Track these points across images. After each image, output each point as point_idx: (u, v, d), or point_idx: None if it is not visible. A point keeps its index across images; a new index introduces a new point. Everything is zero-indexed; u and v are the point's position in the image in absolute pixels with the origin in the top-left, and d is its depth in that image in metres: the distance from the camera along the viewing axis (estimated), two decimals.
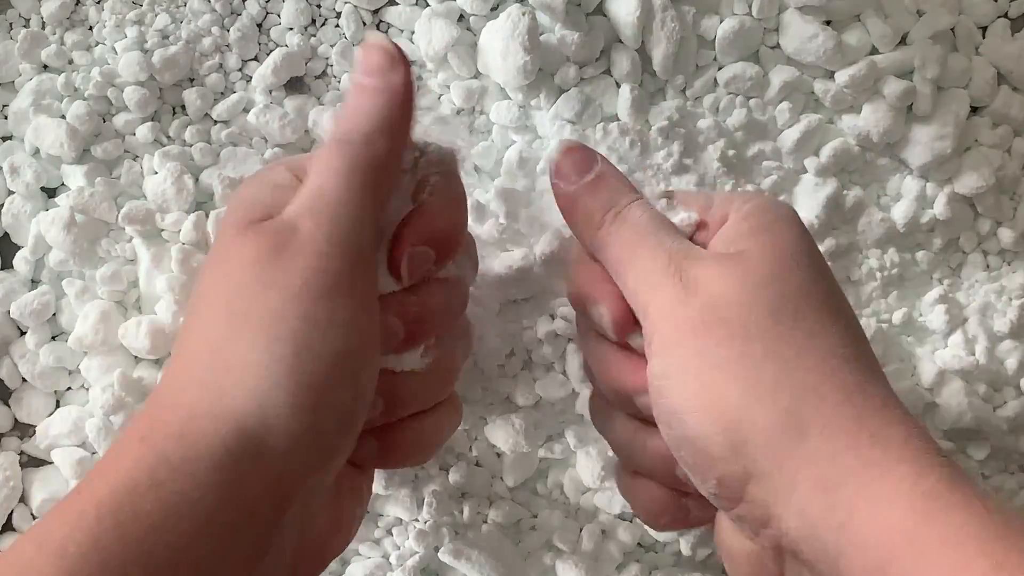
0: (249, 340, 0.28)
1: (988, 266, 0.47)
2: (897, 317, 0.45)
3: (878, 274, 0.45)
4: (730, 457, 0.27)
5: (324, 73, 0.44)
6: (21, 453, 0.43)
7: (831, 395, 0.27)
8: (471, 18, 0.44)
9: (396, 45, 0.31)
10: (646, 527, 0.43)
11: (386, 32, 0.45)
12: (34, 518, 0.42)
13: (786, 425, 0.27)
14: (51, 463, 0.42)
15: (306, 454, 0.28)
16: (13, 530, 0.42)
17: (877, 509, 0.25)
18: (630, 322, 0.32)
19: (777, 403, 0.27)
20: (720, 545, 0.32)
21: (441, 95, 0.44)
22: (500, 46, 0.41)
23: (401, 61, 0.31)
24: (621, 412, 0.34)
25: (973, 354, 0.44)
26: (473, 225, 0.41)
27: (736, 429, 0.27)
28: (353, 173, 0.30)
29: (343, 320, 0.28)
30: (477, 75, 0.44)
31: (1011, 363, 0.44)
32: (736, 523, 0.29)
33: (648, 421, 0.32)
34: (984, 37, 0.46)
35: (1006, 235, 0.46)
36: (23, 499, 0.42)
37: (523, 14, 0.41)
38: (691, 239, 0.33)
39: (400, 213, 0.33)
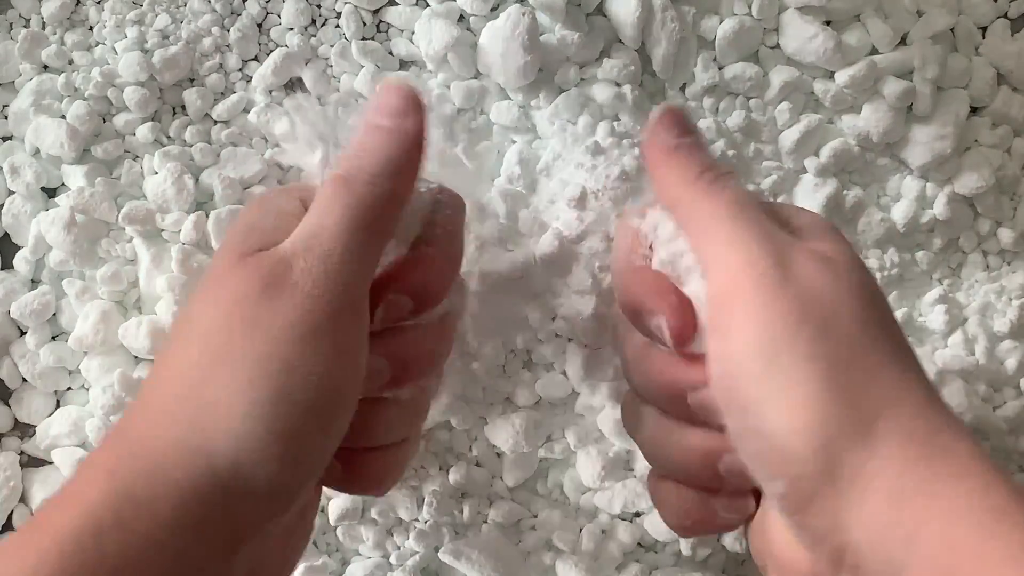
0: (228, 380, 0.27)
1: (988, 266, 0.47)
2: (897, 317, 0.45)
3: (878, 274, 0.45)
4: (808, 457, 0.26)
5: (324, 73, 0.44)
6: (21, 453, 0.43)
7: (908, 408, 0.27)
8: (471, 18, 0.44)
9: (414, 89, 0.31)
10: (647, 530, 0.43)
11: (386, 32, 0.45)
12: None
13: (867, 433, 0.26)
14: (51, 463, 0.42)
15: (272, 500, 0.28)
16: (13, 530, 0.42)
17: (945, 523, 0.25)
18: (691, 334, 0.31)
19: (861, 410, 0.27)
20: (762, 552, 0.32)
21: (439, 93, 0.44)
22: (500, 46, 0.41)
23: (417, 107, 0.31)
24: (656, 411, 0.34)
25: (973, 354, 0.44)
26: (474, 225, 0.41)
27: (818, 430, 0.26)
28: (354, 214, 0.29)
29: (324, 370, 0.28)
30: (477, 75, 0.44)
31: (1011, 363, 0.44)
32: (796, 530, 0.28)
33: (687, 420, 0.32)
34: (984, 37, 0.47)
35: (1006, 235, 0.46)
36: (23, 499, 0.42)
37: (523, 14, 0.41)
38: None
39: (392, 255, 0.32)
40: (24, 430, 0.43)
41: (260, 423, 0.27)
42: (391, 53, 0.44)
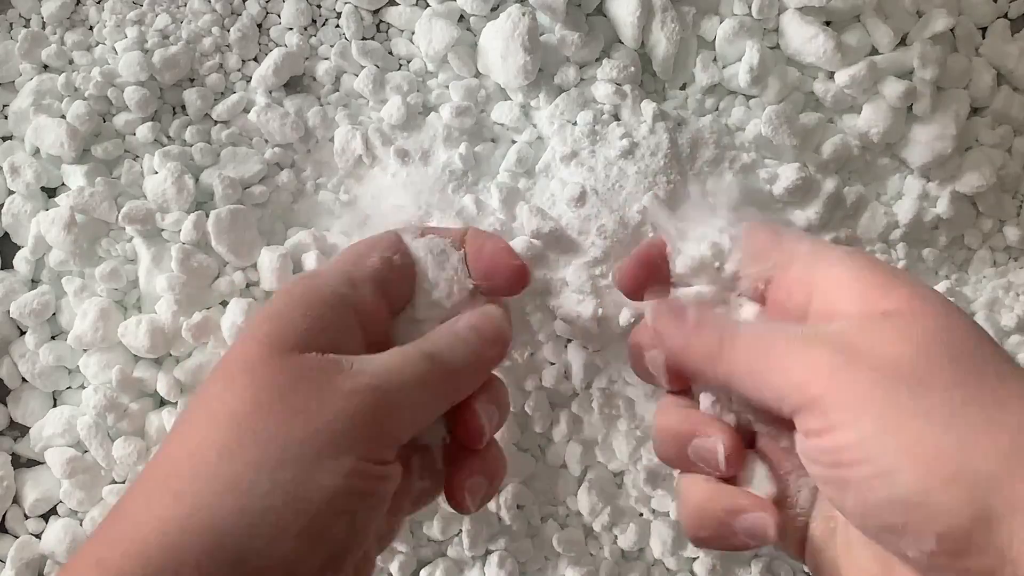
0: (251, 458, 0.27)
1: (995, 262, 0.47)
2: None
3: None
4: (955, 508, 0.26)
5: (324, 73, 0.44)
6: (13, 454, 0.42)
7: None
8: (471, 18, 0.44)
9: (507, 330, 0.34)
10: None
11: (386, 32, 0.45)
12: (27, 518, 0.42)
13: (1012, 465, 0.26)
14: (43, 463, 0.42)
15: None
16: (6, 531, 0.42)
17: None
18: (742, 457, 0.31)
19: (997, 444, 0.26)
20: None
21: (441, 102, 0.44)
22: (501, 46, 0.41)
23: (507, 343, 0.34)
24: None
25: None
26: (475, 222, 0.41)
27: (959, 477, 0.26)
28: (435, 391, 0.31)
29: (361, 471, 0.28)
30: (477, 75, 0.44)
31: (1020, 358, 0.44)
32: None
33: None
34: (984, 37, 0.47)
35: (1012, 233, 0.46)
36: (16, 500, 0.42)
37: (524, 14, 0.41)
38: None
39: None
40: (19, 430, 0.43)
41: (280, 501, 0.27)
42: (391, 53, 0.44)
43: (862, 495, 0.28)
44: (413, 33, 0.44)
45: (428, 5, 0.44)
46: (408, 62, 0.44)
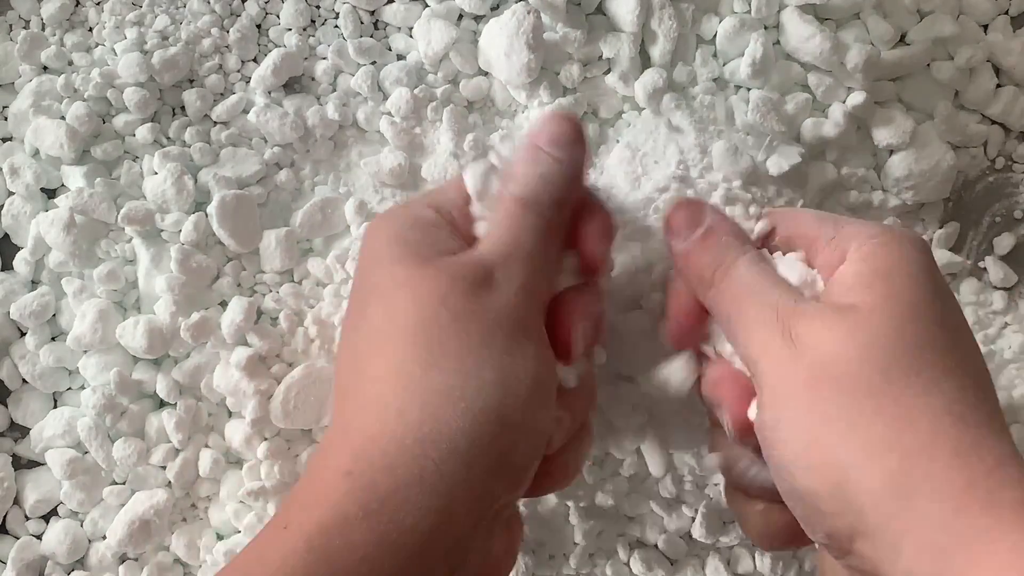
0: (452, 368, 0.29)
1: None
2: None
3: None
4: (837, 513, 0.27)
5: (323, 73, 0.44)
6: (13, 455, 0.42)
7: (941, 456, 0.26)
8: (470, 18, 0.44)
9: (578, 120, 0.34)
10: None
11: (384, 30, 0.45)
12: (27, 519, 0.42)
13: (894, 486, 0.26)
14: (44, 465, 0.42)
15: (507, 475, 0.29)
16: (7, 533, 0.42)
17: None
18: (751, 430, 0.31)
19: (885, 463, 0.26)
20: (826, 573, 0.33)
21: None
22: (504, 44, 0.41)
23: (582, 138, 0.33)
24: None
25: None
26: None
27: (844, 487, 0.27)
28: (541, 236, 0.32)
29: (534, 353, 0.30)
30: (478, 73, 0.44)
31: None
32: (847, 570, 0.29)
33: None
34: (986, 34, 0.46)
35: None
36: (17, 501, 0.42)
37: (528, 12, 0.41)
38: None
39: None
40: (19, 432, 0.43)
41: (494, 400, 0.28)
42: (389, 49, 0.44)
43: (776, 476, 0.29)
44: (411, 29, 0.44)
45: (427, 5, 0.44)
46: (405, 57, 0.44)
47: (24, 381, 0.42)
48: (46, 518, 0.42)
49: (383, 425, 0.28)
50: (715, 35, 0.44)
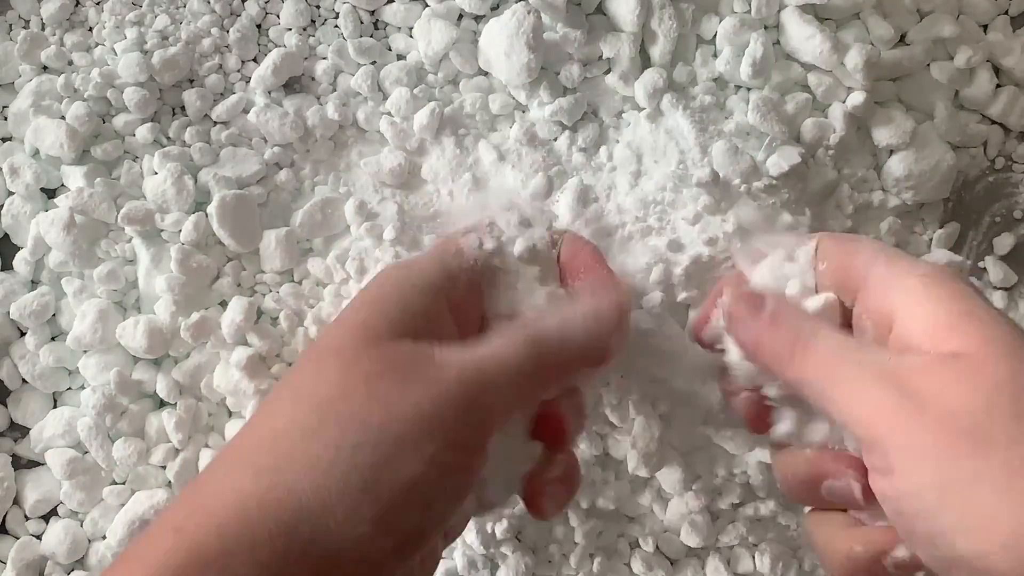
0: (335, 439, 0.27)
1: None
2: None
3: None
4: (1014, 571, 0.26)
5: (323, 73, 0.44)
6: (13, 455, 0.42)
7: None
8: (470, 18, 0.44)
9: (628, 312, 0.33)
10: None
11: (384, 29, 0.45)
12: (27, 519, 0.42)
13: None
14: (43, 464, 0.42)
15: (360, 565, 0.27)
16: (6, 533, 0.42)
17: None
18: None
19: None
20: None
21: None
22: (504, 44, 0.41)
23: (625, 330, 0.33)
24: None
25: None
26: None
27: (1015, 543, 0.25)
28: (533, 382, 0.30)
29: (441, 462, 0.28)
30: (478, 73, 0.44)
31: None
32: None
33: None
34: (986, 34, 0.46)
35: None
36: (16, 501, 0.42)
37: (528, 12, 0.41)
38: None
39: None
40: (19, 431, 0.43)
41: (357, 484, 0.26)
42: (389, 49, 0.44)
43: (926, 548, 0.28)
44: (411, 28, 0.44)
45: (427, 5, 0.44)
46: (405, 57, 0.44)
47: (24, 381, 0.43)
48: (46, 518, 0.42)
49: (229, 479, 0.27)
50: (715, 35, 0.44)
